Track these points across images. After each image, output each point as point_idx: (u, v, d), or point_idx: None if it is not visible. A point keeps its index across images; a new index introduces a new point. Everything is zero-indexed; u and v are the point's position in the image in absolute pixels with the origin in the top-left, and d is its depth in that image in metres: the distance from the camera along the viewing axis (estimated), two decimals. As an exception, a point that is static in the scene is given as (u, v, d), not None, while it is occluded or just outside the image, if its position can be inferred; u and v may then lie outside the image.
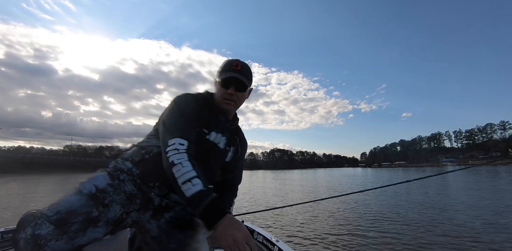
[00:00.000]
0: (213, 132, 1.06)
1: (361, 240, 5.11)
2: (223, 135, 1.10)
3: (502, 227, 5.70)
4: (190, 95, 1.09)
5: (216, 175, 1.16)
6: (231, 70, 1.06)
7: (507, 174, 27.06)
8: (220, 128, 1.10)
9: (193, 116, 1.00)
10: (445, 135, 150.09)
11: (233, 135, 1.18)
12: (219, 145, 1.09)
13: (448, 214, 7.27)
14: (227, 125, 1.13)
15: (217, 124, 1.09)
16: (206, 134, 1.04)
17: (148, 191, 0.97)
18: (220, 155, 1.11)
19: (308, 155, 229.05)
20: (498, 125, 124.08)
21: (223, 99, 1.07)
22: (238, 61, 1.09)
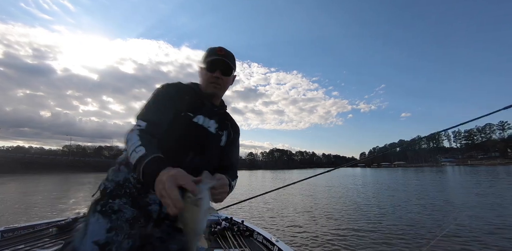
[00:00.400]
0: (199, 115, 1.06)
1: (359, 239, 5.14)
2: (211, 119, 1.10)
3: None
4: (169, 83, 1.10)
5: (215, 160, 1.13)
6: (216, 54, 1.08)
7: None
8: (207, 112, 1.09)
9: (166, 100, 1.01)
10: (444, 135, 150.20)
11: (223, 119, 1.18)
12: (209, 129, 1.08)
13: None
14: (214, 109, 1.13)
15: (202, 108, 1.09)
16: (192, 117, 1.04)
17: (146, 201, 0.96)
18: (213, 139, 1.10)
19: (307, 155, 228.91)
20: (497, 125, 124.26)
21: (209, 83, 1.09)
22: (222, 47, 1.12)
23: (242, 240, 2.69)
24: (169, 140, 0.97)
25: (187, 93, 1.08)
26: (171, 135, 0.98)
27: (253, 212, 8.46)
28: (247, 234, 2.91)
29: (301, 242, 5.09)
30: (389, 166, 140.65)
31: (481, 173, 30.10)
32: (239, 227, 3.01)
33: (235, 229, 2.94)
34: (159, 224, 0.98)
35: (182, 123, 1.01)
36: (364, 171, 65.51)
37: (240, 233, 2.90)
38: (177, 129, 1.00)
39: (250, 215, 7.88)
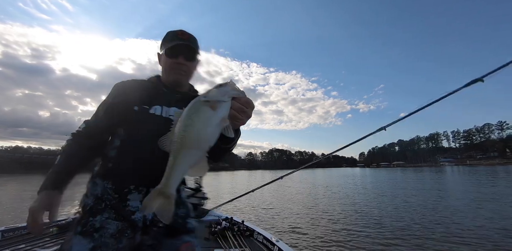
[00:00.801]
0: (156, 106, 1.00)
1: (359, 238, 5.14)
2: (170, 107, 1.03)
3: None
4: (118, 82, 1.07)
5: None
6: (177, 39, 1.01)
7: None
8: (166, 101, 1.03)
9: (113, 99, 1.00)
10: (443, 135, 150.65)
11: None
12: (171, 117, 1.00)
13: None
14: (176, 95, 1.06)
15: (159, 97, 1.03)
16: (148, 109, 0.99)
17: (128, 211, 0.91)
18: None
19: (306, 155, 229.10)
20: (495, 125, 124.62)
21: (171, 70, 1.04)
22: (182, 31, 1.04)
23: (243, 240, 2.70)
24: (131, 135, 0.96)
25: (139, 88, 1.03)
26: (132, 130, 0.96)
27: (253, 212, 8.46)
28: (248, 234, 2.92)
29: (301, 242, 5.10)
30: (388, 166, 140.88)
31: (480, 173, 30.18)
32: (239, 227, 3.02)
33: (236, 229, 2.94)
34: (147, 231, 0.94)
35: (139, 117, 0.97)
36: (363, 171, 65.62)
37: (240, 233, 2.90)
38: (136, 123, 0.96)
39: (250, 215, 7.89)
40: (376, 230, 5.79)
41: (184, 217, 0.99)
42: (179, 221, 0.97)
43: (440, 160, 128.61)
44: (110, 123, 0.97)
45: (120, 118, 0.96)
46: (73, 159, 0.92)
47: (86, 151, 0.95)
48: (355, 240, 5.12)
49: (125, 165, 0.91)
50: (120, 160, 0.94)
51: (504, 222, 6.16)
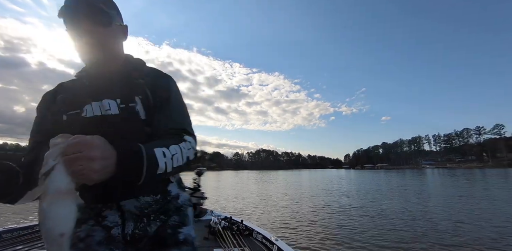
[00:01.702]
0: (87, 105, 0.81)
1: (357, 237, 5.25)
2: (104, 99, 0.81)
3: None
4: (45, 93, 0.91)
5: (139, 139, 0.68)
6: (64, 4, 0.77)
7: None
8: (95, 94, 0.82)
9: (39, 113, 0.87)
10: (425, 138, 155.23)
11: (130, 83, 0.84)
12: (109, 111, 0.80)
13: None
14: (100, 83, 0.83)
15: (86, 93, 0.83)
16: (79, 112, 0.80)
17: (107, 224, 0.80)
18: (122, 121, 0.79)
19: (293, 155, 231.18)
20: (474, 130, 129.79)
21: (77, 51, 0.80)
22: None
23: (242, 239, 2.71)
24: None
25: (60, 92, 0.86)
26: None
27: (252, 211, 8.50)
28: (247, 233, 2.94)
29: (300, 241, 5.14)
30: (372, 167, 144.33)
31: (459, 175, 31.44)
32: (238, 226, 3.04)
33: (235, 228, 2.95)
34: (132, 245, 0.82)
35: (73, 126, 0.79)
36: (348, 172, 66.83)
37: (239, 232, 2.92)
38: (75, 132, 0.68)
39: (249, 215, 7.91)
40: (375, 230, 5.92)
41: (175, 226, 0.85)
42: (169, 231, 0.84)
43: (422, 163, 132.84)
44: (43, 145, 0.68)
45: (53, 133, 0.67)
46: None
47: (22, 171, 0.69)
48: (354, 239, 5.22)
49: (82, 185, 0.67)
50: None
51: (480, 219, 6.48)
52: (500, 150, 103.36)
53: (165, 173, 0.65)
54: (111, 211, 0.80)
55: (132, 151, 0.59)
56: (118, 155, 0.55)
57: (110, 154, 0.53)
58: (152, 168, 0.61)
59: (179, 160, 0.68)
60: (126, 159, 0.57)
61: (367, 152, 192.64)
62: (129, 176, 0.58)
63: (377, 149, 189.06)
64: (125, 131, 0.79)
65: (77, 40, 0.78)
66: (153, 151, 0.62)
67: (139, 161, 0.59)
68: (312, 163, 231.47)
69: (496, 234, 5.40)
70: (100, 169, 0.50)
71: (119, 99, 0.81)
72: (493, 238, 5.13)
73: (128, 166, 0.57)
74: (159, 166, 0.62)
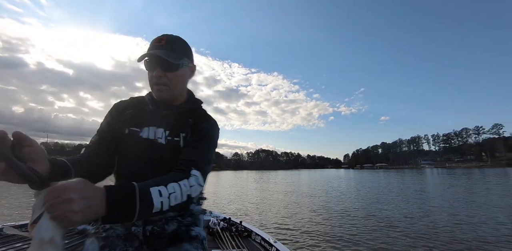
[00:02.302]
0: (146, 128, 0.93)
1: (356, 239, 5.21)
2: (158, 127, 0.93)
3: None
4: (116, 102, 1.01)
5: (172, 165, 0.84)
6: (153, 47, 0.88)
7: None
8: (154, 120, 0.94)
9: (108, 120, 0.95)
10: (424, 138, 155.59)
11: (180, 121, 0.95)
12: (159, 140, 0.91)
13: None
14: (163, 112, 0.95)
15: (147, 117, 0.95)
16: (138, 132, 0.92)
17: (129, 225, 0.93)
18: (165, 151, 0.91)
19: (292, 155, 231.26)
20: (472, 130, 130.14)
21: (152, 85, 0.91)
22: (164, 35, 0.90)
23: (240, 241, 2.68)
24: (126, 160, 0.93)
25: (131, 107, 0.97)
26: (123, 156, 0.93)
27: (251, 212, 8.46)
28: (245, 234, 2.90)
29: (299, 243, 5.10)
30: (371, 167, 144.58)
31: (457, 175, 31.46)
32: (237, 227, 3.00)
33: (233, 229, 2.92)
34: (150, 243, 0.93)
35: (130, 140, 0.92)
36: (347, 172, 66.85)
37: (238, 233, 2.89)
38: (125, 149, 0.92)
39: (248, 216, 7.87)
40: (374, 230, 5.88)
41: (188, 225, 0.98)
42: (183, 228, 0.96)
43: (421, 162, 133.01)
44: (105, 149, 0.90)
45: (114, 141, 0.92)
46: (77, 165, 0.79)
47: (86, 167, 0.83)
48: (353, 241, 5.17)
49: None
50: (117, 184, 0.92)
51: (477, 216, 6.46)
52: (499, 150, 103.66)
53: (161, 212, 0.66)
54: None
55: (124, 190, 0.61)
56: (107, 194, 0.56)
57: (94, 194, 0.54)
58: (146, 207, 0.62)
59: (178, 198, 0.69)
60: (117, 198, 0.58)
61: (366, 152, 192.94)
62: (121, 215, 0.59)
63: (376, 148, 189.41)
64: (166, 159, 0.89)
65: (154, 80, 0.89)
66: (148, 190, 0.64)
67: (131, 200, 0.60)
68: (312, 163, 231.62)
69: (495, 232, 5.37)
70: (80, 209, 0.50)
71: (168, 131, 0.93)
72: (493, 236, 5.10)
73: (119, 205, 0.57)
74: (154, 205, 0.64)
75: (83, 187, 0.53)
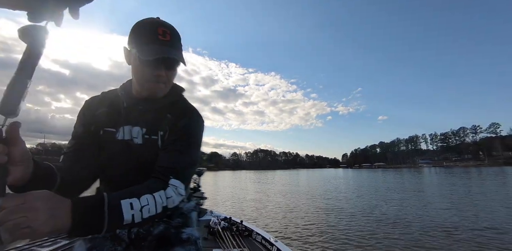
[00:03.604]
0: (122, 127, 0.85)
1: (356, 239, 5.26)
2: (134, 125, 0.85)
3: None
4: (87, 99, 0.92)
5: (152, 166, 0.79)
6: (158, 42, 0.76)
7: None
8: (130, 118, 0.86)
9: (80, 120, 0.87)
10: (421, 137, 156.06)
11: (160, 116, 0.86)
12: (135, 140, 0.85)
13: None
14: (138, 108, 0.86)
15: (122, 115, 0.86)
16: (114, 132, 0.85)
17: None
18: (142, 149, 0.84)
19: (291, 155, 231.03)
20: (470, 129, 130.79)
21: (151, 82, 0.81)
22: (163, 25, 0.79)
23: (241, 240, 2.70)
24: (104, 163, 0.86)
25: (104, 105, 0.88)
26: (104, 158, 0.86)
27: (251, 212, 8.48)
28: (246, 234, 2.93)
29: (299, 242, 5.12)
30: (370, 167, 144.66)
31: (455, 174, 31.58)
32: (238, 227, 3.03)
33: (234, 229, 2.95)
34: (136, 245, 0.89)
35: (107, 143, 0.85)
36: (346, 172, 66.93)
37: (239, 233, 2.91)
38: (105, 150, 0.86)
39: (249, 215, 7.89)
40: (374, 230, 5.93)
41: (178, 226, 0.92)
42: (172, 230, 0.91)
43: (419, 162, 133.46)
44: (86, 155, 0.82)
45: (94, 144, 0.85)
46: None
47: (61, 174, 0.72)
48: (353, 240, 5.21)
49: (101, 192, 0.84)
50: (100, 187, 0.91)
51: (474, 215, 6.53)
52: (496, 149, 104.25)
53: (133, 224, 0.62)
54: None
55: (92, 202, 0.57)
56: (74, 206, 0.52)
57: (60, 205, 0.50)
58: (116, 220, 0.58)
59: (152, 210, 0.64)
60: (85, 211, 0.54)
61: (365, 151, 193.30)
62: (88, 228, 0.55)
63: (374, 148, 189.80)
64: (145, 160, 0.82)
65: (154, 79, 0.80)
66: (118, 202, 0.60)
67: (100, 213, 0.56)
68: (310, 162, 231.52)
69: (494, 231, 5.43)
70: (46, 219, 0.46)
71: (145, 129, 0.85)
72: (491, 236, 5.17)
73: (86, 218, 0.54)
74: (124, 218, 0.59)
75: (48, 197, 0.49)
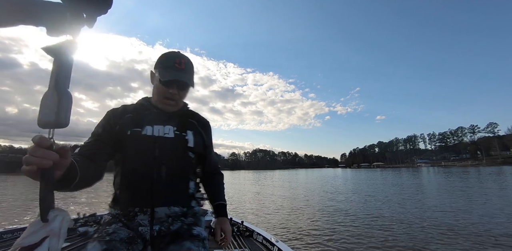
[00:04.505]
0: (147, 126, 1.02)
1: (358, 239, 5.14)
2: (165, 125, 1.05)
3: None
4: (111, 109, 1.07)
5: (188, 165, 1.06)
6: (174, 68, 1.01)
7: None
8: (157, 120, 1.05)
9: (104, 124, 1.00)
10: (420, 137, 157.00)
11: (185, 120, 1.11)
12: (167, 135, 1.03)
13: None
14: (166, 114, 1.07)
15: (151, 118, 1.05)
16: (140, 131, 1.00)
17: (137, 223, 0.96)
18: (175, 143, 1.03)
19: (290, 155, 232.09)
20: (468, 129, 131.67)
21: (164, 98, 1.04)
22: (180, 57, 1.05)
23: (242, 241, 2.64)
24: (127, 159, 0.98)
25: (130, 112, 1.05)
26: (127, 154, 0.98)
27: (252, 213, 8.39)
28: (247, 234, 2.85)
29: (301, 243, 5.03)
30: (368, 166, 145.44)
31: (453, 174, 31.69)
32: (238, 227, 2.94)
33: (235, 229, 2.87)
34: (156, 243, 0.97)
35: (132, 140, 0.98)
36: (345, 171, 66.99)
37: (239, 233, 2.84)
38: (129, 147, 0.98)
39: (249, 216, 7.79)
40: (375, 231, 5.82)
41: (190, 224, 1.03)
42: (185, 227, 1.01)
43: (417, 161, 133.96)
44: (105, 143, 0.96)
45: (115, 143, 0.98)
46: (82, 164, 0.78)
47: (88, 160, 0.86)
48: (354, 240, 5.10)
49: (127, 189, 0.96)
50: (123, 185, 0.98)
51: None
52: (494, 148, 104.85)
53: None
54: (144, 216, 0.95)
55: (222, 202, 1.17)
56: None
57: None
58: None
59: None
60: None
61: (363, 151, 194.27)
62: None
63: (373, 148, 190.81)
64: (174, 151, 1.02)
65: (167, 95, 1.03)
66: (225, 200, 1.20)
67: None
68: (309, 162, 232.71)
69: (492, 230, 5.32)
70: None
71: (176, 127, 1.06)
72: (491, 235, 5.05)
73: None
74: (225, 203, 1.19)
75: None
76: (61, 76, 0.52)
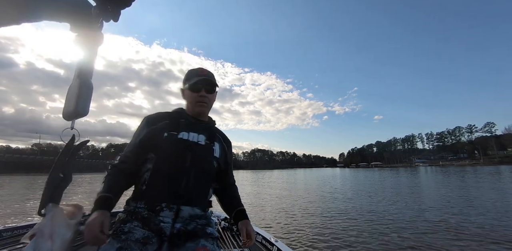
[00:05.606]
0: (183, 132, 1.11)
1: (358, 239, 5.10)
2: (199, 134, 1.15)
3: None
4: (147, 115, 1.18)
5: (211, 170, 1.16)
6: (198, 75, 1.17)
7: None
8: (192, 128, 1.15)
9: (143, 131, 1.10)
10: (418, 137, 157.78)
11: (213, 134, 1.22)
12: (199, 142, 1.13)
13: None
14: (201, 125, 1.19)
15: (186, 125, 1.14)
16: (176, 134, 1.10)
17: (159, 219, 1.00)
18: (205, 150, 1.14)
19: (288, 155, 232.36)
20: (465, 128, 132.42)
21: (196, 102, 1.16)
22: (202, 68, 1.23)
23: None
24: (161, 157, 1.06)
25: (166, 118, 1.15)
26: (162, 152, 1.06)
27: (250, 212, 8.19)
28: None
29: (300, 242, 4.99)
30: (366, 166, 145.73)
31: (451, 173, 31.84)
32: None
33: (234, 229, 2.83)
34: (173, 241, 1.01)
35: (168, 141, 1.07)
36: (343, 171, 67.04)
37: (239, 233, 2.75)
38: (165, 147, 1.06)
39: (248, 215, 7.66)
40: (376, 230, 5.78)
41: (204, 225, 1.08)
42: (199, 227, 1.06)
43: (415, 161, 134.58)
44: (143, 151, 1.06)
45: (151, 145, 1.06)
46: (117, 184, 1.00)
47: (126, 177, 1.03)
48: (355, 240, 5.06)
49: (157, 184, 1.02)
50: (153, 181, 1.03)
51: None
52: (491, 148, 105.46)
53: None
54: (169, 212, 1.01)
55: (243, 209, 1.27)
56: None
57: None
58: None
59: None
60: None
61: (361, 151, 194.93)
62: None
63: (371, 147, 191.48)
64: (204, 157, 1.12)
65: (199, 99, 1.17)
66: (244, 208, 1.29)
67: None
68: (307, 162, 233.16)
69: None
70: None
71: (206, 137, 1.17)
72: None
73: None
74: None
75: None
76: (86, 68, 0.56)
